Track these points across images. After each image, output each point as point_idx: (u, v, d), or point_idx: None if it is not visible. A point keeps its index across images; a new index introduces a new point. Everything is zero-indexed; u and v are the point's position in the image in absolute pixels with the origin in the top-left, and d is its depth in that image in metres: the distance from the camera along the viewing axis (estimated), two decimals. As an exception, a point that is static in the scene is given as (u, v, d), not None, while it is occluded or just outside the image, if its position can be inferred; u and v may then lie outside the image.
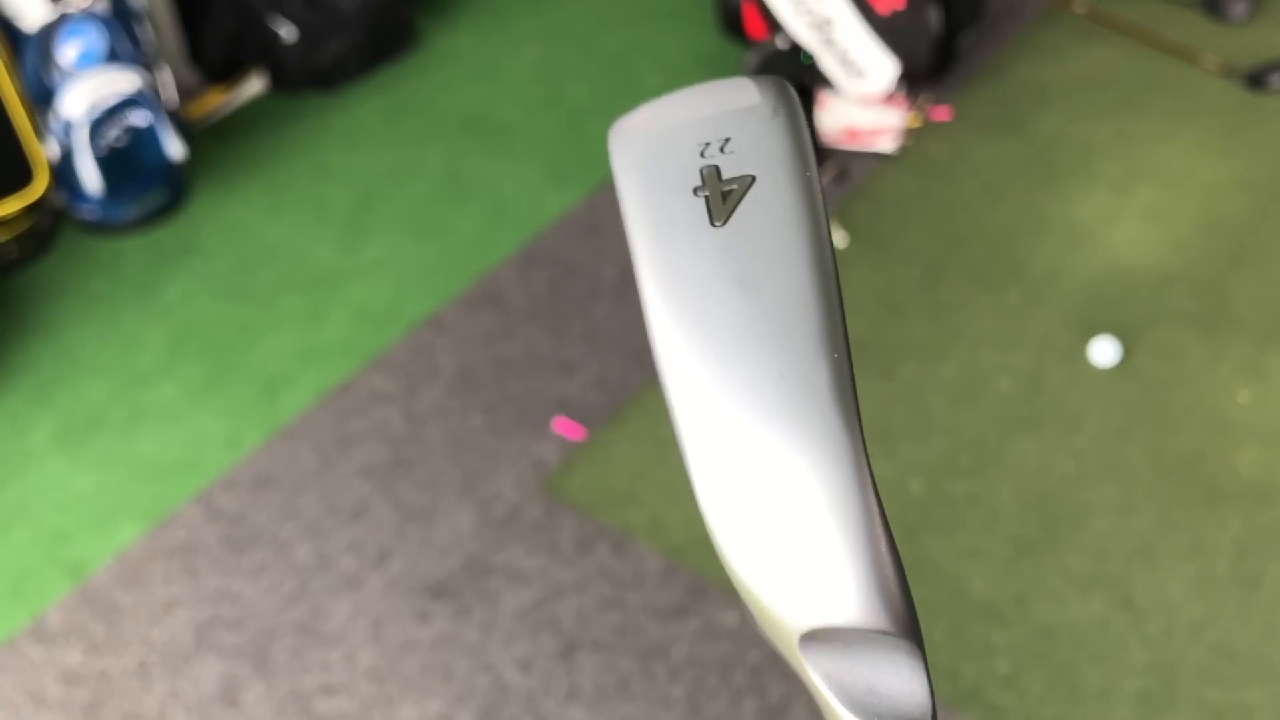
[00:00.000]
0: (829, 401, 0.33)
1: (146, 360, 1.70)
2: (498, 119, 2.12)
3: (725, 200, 0.36)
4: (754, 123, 0.37)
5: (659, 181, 0.37)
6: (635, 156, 0.38)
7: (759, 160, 0.37)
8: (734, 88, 0.39)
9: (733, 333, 0.34)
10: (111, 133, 1.85)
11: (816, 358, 0.34)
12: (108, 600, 1.37)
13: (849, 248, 1.77)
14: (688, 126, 0.38)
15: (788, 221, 0.36)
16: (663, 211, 0.36)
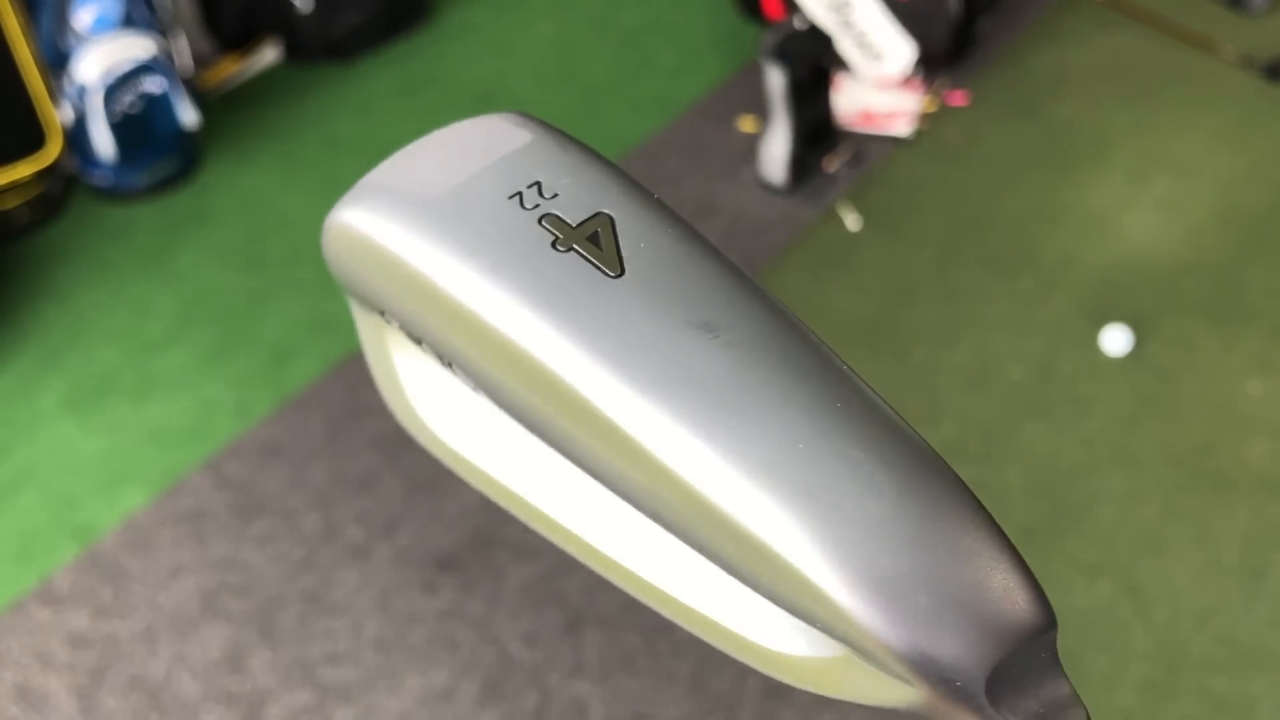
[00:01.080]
0: (887, 415, 0.29)
1: (157, 327, 1.70)
2: (511, 94, 2.12)
3: (600, 246, 0.29)
4: (551, 159, 0.31)
5: (501, 250, 0.29)
6: (437, 229, 0.30)
7: (594, 196, 0.31)
8: (478, 131, 0.33)
9: (751, 388, 0.27)
10: (125, 99, 1.85)
11: (845, 373, 0.29)
12: (115, 565, 1.38)
13: (862, 230, 1.77)
14: (474, 182, 0.31)
15: (682, 243, 0.31)
16: (541, 284, 0.28)
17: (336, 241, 0.33)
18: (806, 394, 0.27)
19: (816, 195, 1.83)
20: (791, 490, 0.25)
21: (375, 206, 0.31)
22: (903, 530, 0.26)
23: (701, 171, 1.90)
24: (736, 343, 0.28)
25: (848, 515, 0.25)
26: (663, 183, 1.89)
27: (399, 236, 0.31)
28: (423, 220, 0.30)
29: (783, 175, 1.83)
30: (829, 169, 1.87)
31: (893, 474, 0.27)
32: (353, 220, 0.32)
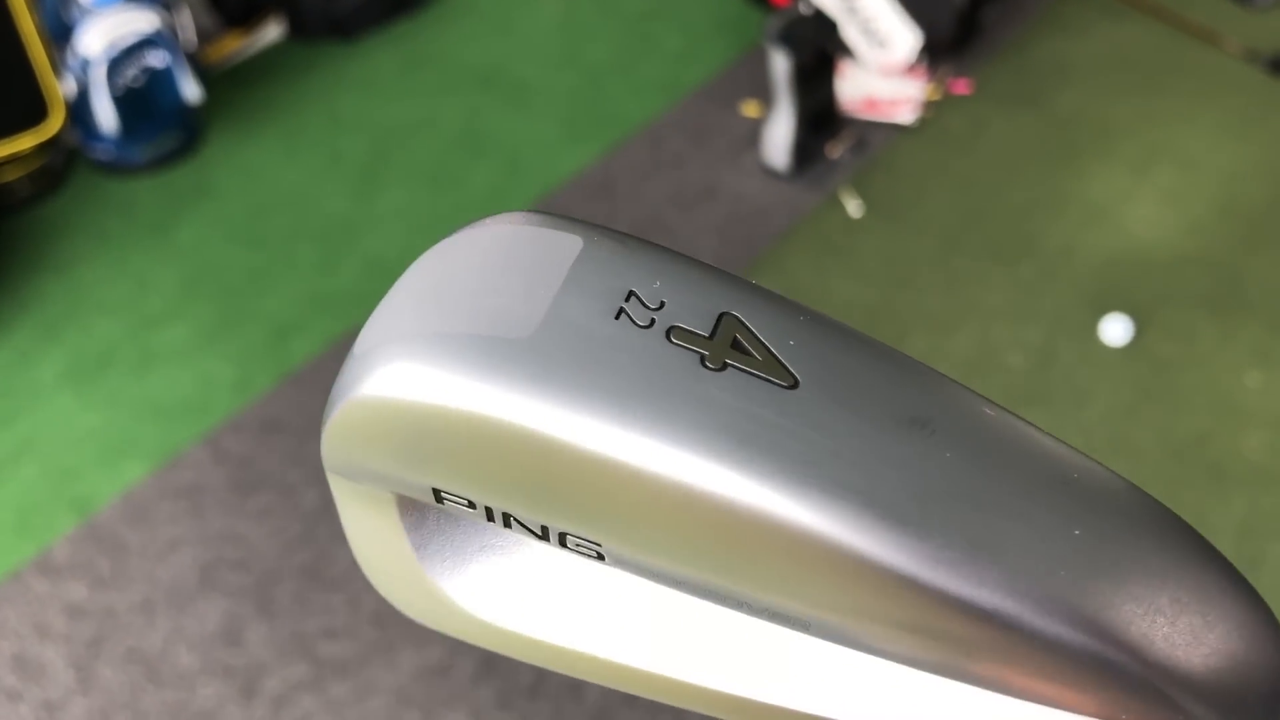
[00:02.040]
0: (1104, 472, 0.27)
1: (157, 301, 1.70)
2: (515, 75, 2.12)
3: (751, 353, 0.25)
4: (624, 261, 0.26)
5: (652, 388, 0.24)
6: (562, 380, 0.24)
7: (702, 295, 0.26)
8: (501, 242, 0.27)
9: (996, 482, 0.25)
10: (129, 72, 1.85)
11: (1040, 434, 0.27)
12: (114, 537, 1.38)
13: (864, 217, 1.77)
14: (561, 309, 0.25)
15: (819, 326, 0.27)
16: (722, 421, 0.24)
17: (372, 421, 0.26)
18: (1044, 473, 0.25)
19: (819, 181, 1.83)
20: (1104, 599, 0.23)
21: (442, 362, 0.25)
22: (1208, 628, 0.25)
23: (704, 156, 1.90)
24: (947, 431, 0.25)
25: (1163, 614, 0.24)
26: (665, 166, 1.89)
27: (507, 400, 0.24)
28: (533, 371, 0.24)
29: (785, 161, 1.83)
30: (832, 155, 1.87)
31: (1167, 555, 0.25)
32: (407, 389, 0.25)
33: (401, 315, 0.27)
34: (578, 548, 0.27)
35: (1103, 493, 0.26)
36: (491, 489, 0.26)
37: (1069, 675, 0.24)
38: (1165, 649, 0.23)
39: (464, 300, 0.26)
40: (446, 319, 0.26)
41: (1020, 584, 0.23)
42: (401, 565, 0.30)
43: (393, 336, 0.26)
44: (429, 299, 0.27)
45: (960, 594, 0.23)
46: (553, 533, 0.27)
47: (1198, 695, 0.24)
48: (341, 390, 0.27)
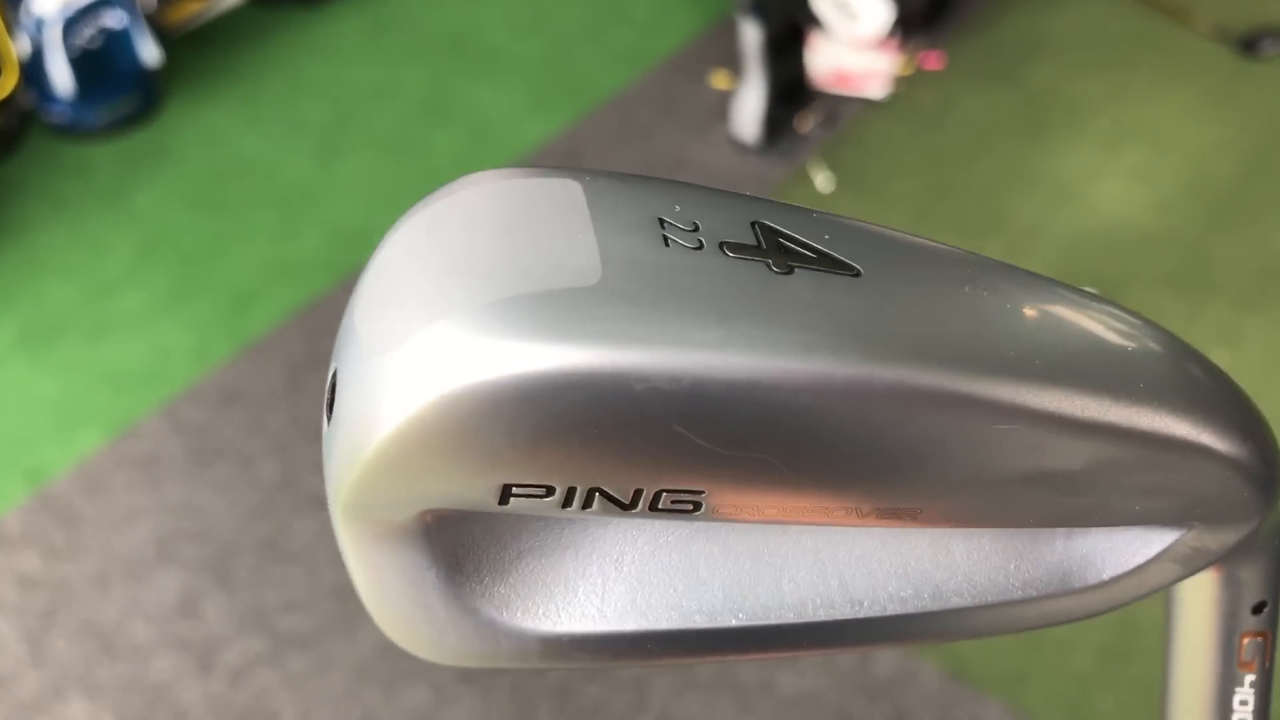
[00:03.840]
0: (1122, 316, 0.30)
1: (114, 267, 1.66)
2: (482, 41, 2.08)
3: (807, 252, 0.26)
4: (634, 194, 0.26)
5: (746, 303, 0.24)
6: (664, 316, 0.23)
7: (725, 211, 0.26)
8: (496, 200, 0.25)
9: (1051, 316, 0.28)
10: (85, 33, 1.80)
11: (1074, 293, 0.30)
12: (68, 507, 1.35)
13: (833, 191, 1.75)
14: (608, 247, 0.24)
15: (837, 221, 0.28)
16: (829, 318, 0.24)
17: (458, 423, 0.22)
18: (1076, 306, 0.29)
19: (788, 155, 1.82)
20: (1170, 392, 0.28)
21: (535, 328, 0.22)
22: (1219, 389, 0.30)
23: (673, 127, 1.88)
24: (989, 286, 0.28)
25: (1208, 398, 0.29)
26: (634, 137, 1.87)
27: (619, 352, 0.22)
28: (630, 314, 0.23)
29: (755, 133, 1.81)
30: (802, 129, 1.85)
31: (1183, 359, 0.30)
32: (508, 367, 0.22)
33: (435, 291, 0.23)
34: (673, 505, 0.25)
35: (1121, 317, 0.30)
36: (593, 460, 0.24)
37: (1162, 472, 0.28)
38: (1226, 439, 0.28)
39: (503, 259, 0.23)
40: (505, 282, 0.23)
41: (1120, 400, 0.26)
42: (434, 600, 0.27)
43: (444, 314, 0.22)
44: (462, 266, 0.23)
45: (1077, 415, 0.26)
46: (646, 496, 0.24)
47: (1252, 477, 0.29)
48: (400, 396, 0.22)
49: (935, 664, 1.18)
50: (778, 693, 1.17)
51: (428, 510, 0.25)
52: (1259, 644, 0.35)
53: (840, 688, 1.17)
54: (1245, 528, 0.30)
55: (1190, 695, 0.36)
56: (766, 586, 0.28)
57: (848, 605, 0.29)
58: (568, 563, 0.28)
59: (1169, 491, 0.29)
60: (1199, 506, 0.30)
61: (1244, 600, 0.34)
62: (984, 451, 0.26)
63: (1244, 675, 0.35)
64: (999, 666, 1.18)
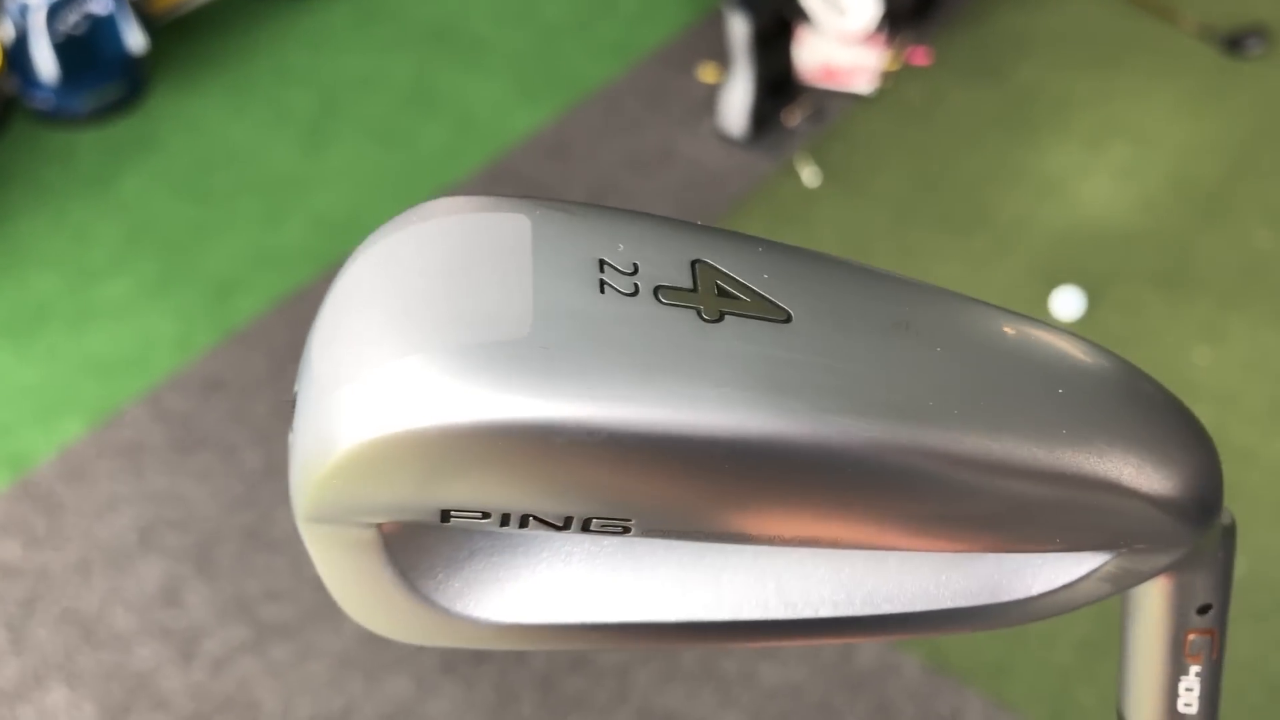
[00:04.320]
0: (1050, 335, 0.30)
1: (98, 255, 1.65)
2: (469, 31, 2.08)
3: (739, 296, 0.26)
4: (579, 227, 0.27)
5: (670, 354, 0.25)
6: (583, 369, 0.24)
7: (667, 247, 0.27)
8: (442, 237, 0.26)
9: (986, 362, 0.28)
10: (70, 19, 1.79)
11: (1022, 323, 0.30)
12: (49, 495, 1.35)
13: (819, 186, 1.76)
14: (544, 293, 0.25)
15: (780, 253, 0.28)
16: (749, 369, 0.25)
17: (392, 456, 0.24)
18: (1009, 343, 0.29)
19: (775, 149, 1.82)
20: (1093, 431, 0.28)
21: (464, 378, 0.24)
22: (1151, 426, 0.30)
23: (661, 120, 1.88)
24: (923, 326, 0.28)
25: (1136, 436, 0.29)
26: (621, 130, 1.87)
27: (537, 403, 0.24)
28: (552, 367, 0.24)
29: (742, 127, 1.81)
30: (789, 123, 1.85)
31: (1117, 391, 0.30)
32: (435, 415, 0.24)
33: (378, 335, 0.25)
34: (603, 529, 0.26)
35: (1061, 353, 0.30)
36: (520, 495, 0.26)
37: (1082, 513, 0.29)
38: (1149, 478, 0.29)
39: (443, 307, 0.25)
40: (440, 332, 0.24)
41: (1038, 444, 0.27)
42: (393, 594, 0.29)
43: (382, 360, 0.24)
44: (403, 311, 0.25)
45: (991, 457, 0.26)
46: (576, 521, 0.26)
47: (1177, 511, 0.29)
48: (342, 430, 0.25)
49: (917, 656, 1.19)
50: (759, 684, 1.17)
51: (380, 522, 0.27)
52: (1205, 640, 0.37)
53: (822, 679, 1.17)
54: (1175, 554, 0.31)
55: (1140, 679, 0.39)
56: (707, 586, 0.30)
57: (782, 607, 0.30)
58: (518, 560, 0.30)
59: (1093, 527, 0.30)
60: (1126, 538, 0.30)
61: (1190, 603, 0.35)
62: (899, 496, 0.27)
63: (1190, 666, 0.38)
64: (980, 659, 1.19)
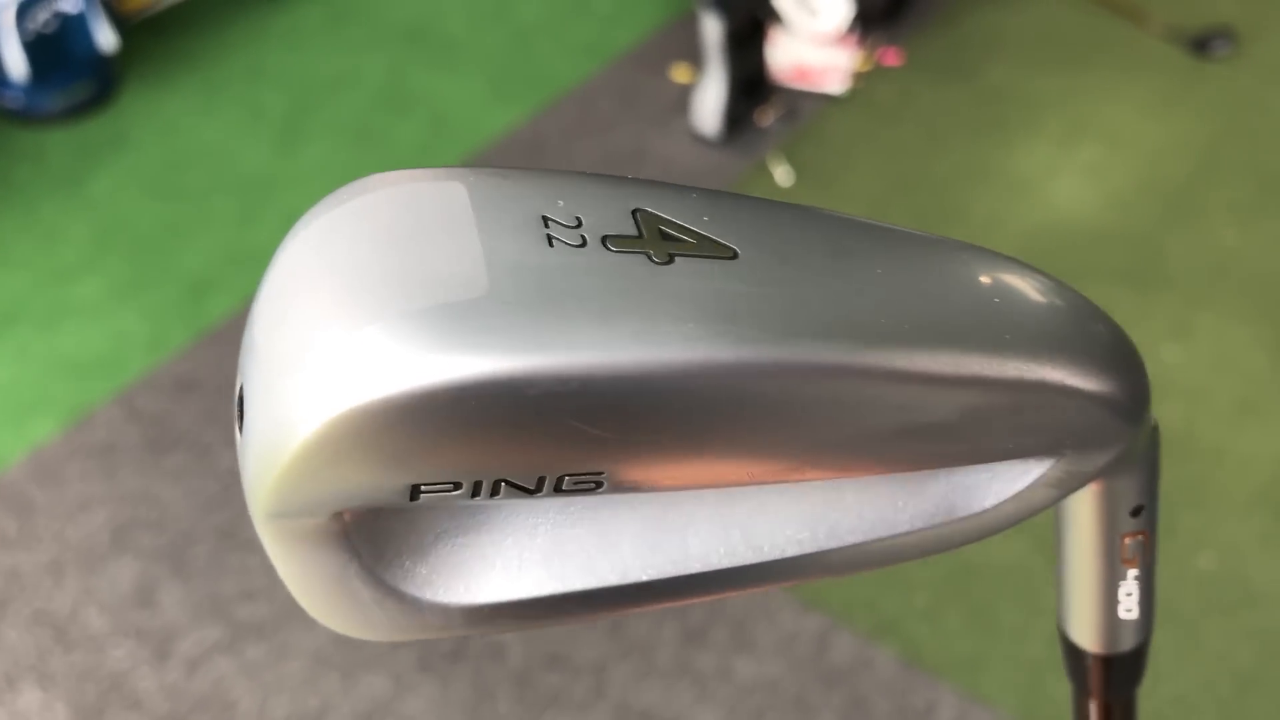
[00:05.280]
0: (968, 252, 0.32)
1: (69, 254, 1.64)
2: (443, 31, 2.08)
3: (686, 238, 0.27)
4: (515, 189, 0.27)
5: (630, 298, 0.25)
6: (553, 319, 0.24)
7: (607, 200, 0.27)
8: (376, 210, 0.26)
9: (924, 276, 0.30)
10: (40, 17, 1.78)
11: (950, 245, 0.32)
12: (21, 496, 1.34)
13: (792, 185, 1.77)
14: (494, 253, 0.25)
15: (716, 198, 0.29)
16: (708, 305, 0.26)
17: (363, 434, 0.24)
18: (949, 264, 0.31)
19: (748, 148, 1.83)
20: (1031, 337, 0.30)
21: (433, 343, 0.23)
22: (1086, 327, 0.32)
23: (634, 120, 1.89)
24: (864, 252, 0.29)
25: (1070, 339, 0.31)
26: (595, 130, 1.87)
27: (510, 359, 0.23)
28: (518, 321, 0.24)
29: (715, 127, 1.82)
30: (762, 123, 1.86)
31: (1047, 301, 0.32)
32: (409, 382, 0.23)
33: (330, 310, 0.24)
34: (575, 486, 0.26)
35: (995, 268, 0.31)
36: (493, 457, 0.25)
37: (1028, 415, 0.30)
38: (1085, 376, 0.30)
39: (393, 275, 0.24)
40: (396, 299, 0.24)
41: (984, 352, 0.28)
42: (361, 588, 0.28)
43: (340, 333, 0.24)
44: (353, 283, 0.24)
45: (944, 372, 0.28)
46: (549, 482, 0.26)
47: (1113, 407, 0.32)
48: (305, 412, 0.24)
49: (891, 651, 1.19)
50: (735, 679, 1.18)
51: (343, 510, 0.26)
52: (1139, 542, 0.39)
53: (797, 674, 1.18)
54: (1113, 450, 0.33)
55: (1081, 593, 0.41)
56: (673, 542, 0.30)
57: (750, 551, 0.30)
58: (484, 539, 0.29)
59: (1039, 428, 0.31)
60: (1068, 438, 0.32)
61: (1122, 506, 0.38)
62: (859, 413, 0.28)
63: (1127, 570, 0.40)
64: (954, 653, 1.20)
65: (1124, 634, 0.42)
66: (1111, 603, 0.41)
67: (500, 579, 0.29)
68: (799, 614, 1.22)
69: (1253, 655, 1.19)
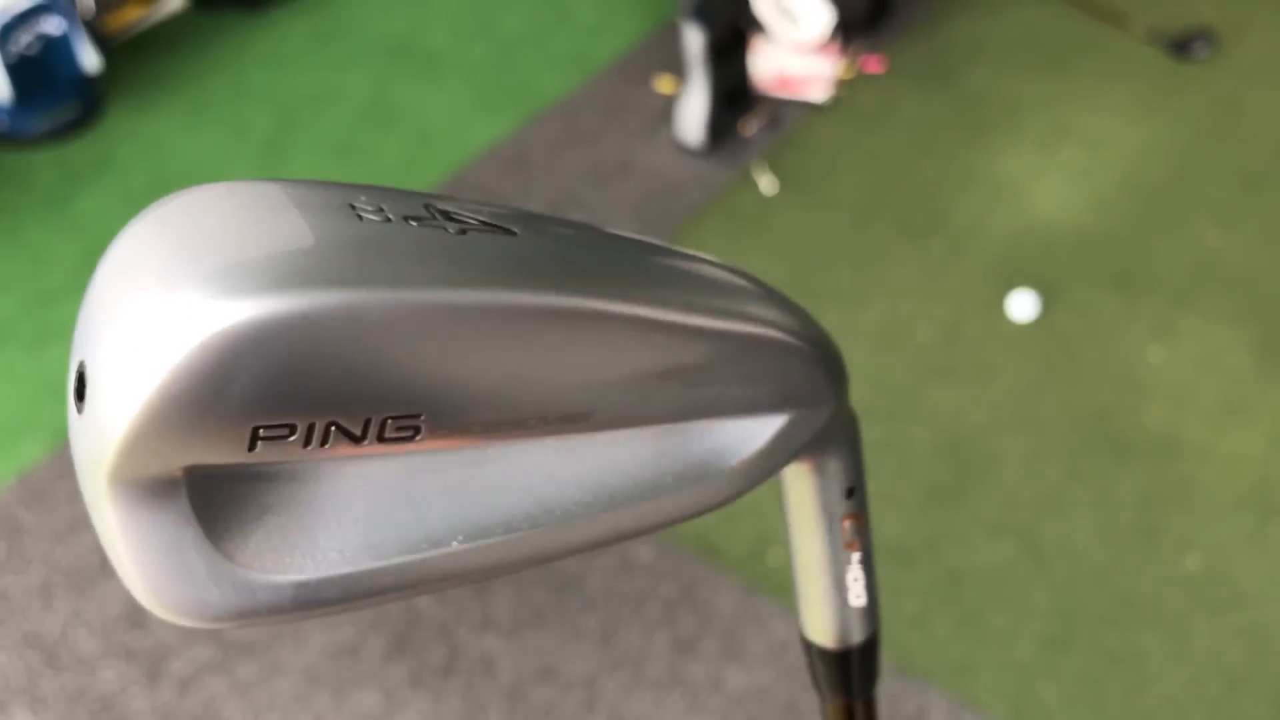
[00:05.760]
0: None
1: (55, 276, 1.65)
2: (427, 46, 2.08)
3: (469, 221, 0.31)
4: (319, 192, 0.30)
5: (441, 255, 0.29)
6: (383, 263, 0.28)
7: (397, 198, 0.31)
8: (197, 210, 0.28)
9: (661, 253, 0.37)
10: (23, 39, 1.78)
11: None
12: (9, 519, 1.34)
13: (776, 194, 1.77)
14: (322, 225, 0.28)
15: (480, 202, 0.34)
16: (500, 263, 0.30)
17: (214, 371, 0.26)
18: (684, 253, 0.38)
19: (732, 158, 1.83)
20: (753, 302, 0.37)
21: (274, 281, 0.26)
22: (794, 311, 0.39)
23: (618, 131, 1.89)
24: (621, 241, 0.36)
25: (783, 306, 0.38)
26: (579, 142, 1.88)
27: (355, 293, 0.27)
28: (353, 262, 0.27)
29: (700, 137, 1.83)
30: (745, 132, 1.87)
31: (755, 284, 0.39)
32: (259, 314, 0.26)
33: (164, 270, 0.26)
34: (398, 433, 0.29)
35: (722, 266, 0.38)
36: (329, 393, 0.28)
37: (761, 363, 0.37)
38: (800, 333, 0.38)
39: (230, 239, 0.27)
40: (229, 252, 0.26)
41: (724, 308, 0.35)
42: (195, 560, 0.29)
43: (180, 284, 0.26)
44: (185, 249, 0.27)
45: (690, 323, 0.34)
46: (374, 426, 0.29)
47: (825, 365, 0.39)
48: (153, 361, 0.25)
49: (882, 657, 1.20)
50: (726, 689, 1.18)
51: (187, 466, 0.28)
52: (856, 525, 0.44)
53: (788, 683, 1.18)
54: (827, 409, 0.39)
55: (813, 584, 0.45)
56: (478, 508, 0.33)
57: (545, 514, 0.34)
58: (305, 513, 0.31)
59: (768, 377, 0.37)
60: (792, 392, 0.38)
61: (835, 485, 0.42)
62: (625, 353, 0.33)
63: (851, 555, 0.44)
64: (943, 659, 1.20)
65: (856, 624, 0.46)
66: (842, 589, 0.45)
67: (322, 553, 0.31)
68: (789, 622, 1.22)
69: (1241, 655, 1.19)
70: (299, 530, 0.31)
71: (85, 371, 0.27)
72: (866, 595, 0.46)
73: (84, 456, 0.27)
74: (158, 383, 0.26)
